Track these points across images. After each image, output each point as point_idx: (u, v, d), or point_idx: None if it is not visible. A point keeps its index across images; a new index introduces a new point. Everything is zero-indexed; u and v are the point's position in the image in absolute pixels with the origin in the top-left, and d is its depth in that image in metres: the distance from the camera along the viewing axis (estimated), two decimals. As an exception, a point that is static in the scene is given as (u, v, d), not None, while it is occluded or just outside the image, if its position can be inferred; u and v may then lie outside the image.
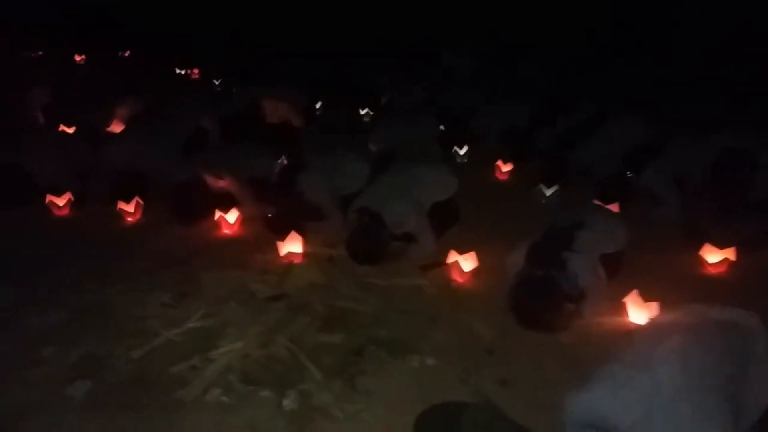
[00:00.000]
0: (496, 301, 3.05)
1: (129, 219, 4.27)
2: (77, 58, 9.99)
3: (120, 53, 10.30)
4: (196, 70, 9.56)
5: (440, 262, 3.45)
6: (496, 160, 5.26)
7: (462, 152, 5.58)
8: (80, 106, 6.30)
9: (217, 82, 8.84)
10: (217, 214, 4.06)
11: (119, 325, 2.91)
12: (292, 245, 3.57)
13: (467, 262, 3.31)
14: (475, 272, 3.35)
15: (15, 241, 3.93)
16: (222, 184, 4.22)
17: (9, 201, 4.43)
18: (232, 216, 4.05)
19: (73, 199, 4.47)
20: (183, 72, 9.60)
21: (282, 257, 3.57)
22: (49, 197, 4.39)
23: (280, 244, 3.58)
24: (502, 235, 3.79)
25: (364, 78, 8.23)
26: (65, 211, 4.43)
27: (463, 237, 3.78)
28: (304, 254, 3.58)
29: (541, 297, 2.84)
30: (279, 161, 4.92)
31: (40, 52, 10.06)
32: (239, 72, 8.72)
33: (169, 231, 4.05)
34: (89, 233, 4.05)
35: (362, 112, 7.32)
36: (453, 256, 3.36)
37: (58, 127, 6.06)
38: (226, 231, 4.05)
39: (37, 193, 4.50)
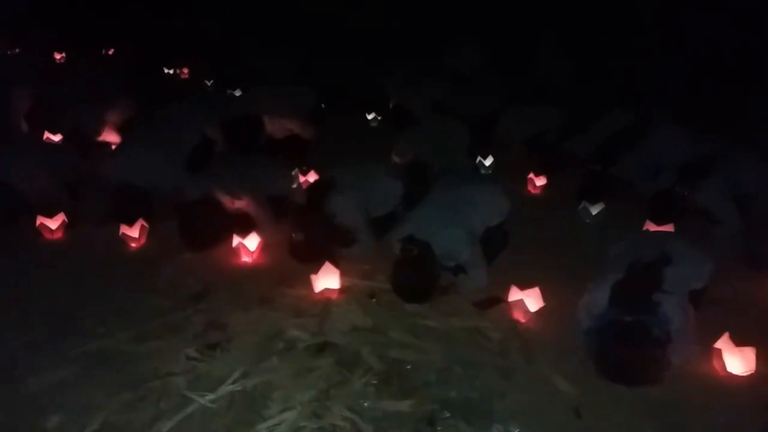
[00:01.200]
0: (572, 348, 2.66)
1: (133, 245, 3.79)
2: (57, 56, 9.35)
3: (104, 51, 9.67)
4: (185, 70, 9.01)
5: (497, 299, 3.05)
6: (525, 172, 4.88)
7: (487, 163, 5.18)
8: (66, 110, 5.75)
9: (209, 83, 8.32)
10: (236, 239, 3.60)
11: (139, 385, 2.45)
12: (328, 279, 3.13)
13: (532, 301, 2.92)
14: (540, 312, 2.95)
15: (1, 274, 3.43)
16: (239, 204, 3.76)
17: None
18: (253, 242, 3.60)
19: (66, 220, 3.96)
20: (171, 71, 9.03)
21: (317, 294, 3.13)
22: (41, 219, 3.89)
23: (313, 278, 3.14)
24: (556, 263, 3.44)
25: (366, 78, 7.79)
26: (58, 234, 3.93)
27: (512, 265, 3.39)
28: (342, 289, 3.15)
29: (632, 345, 2.46)
30: (293, 175, 4.49)
31: (17, 50, 9.38)
32: (234, 72, 8.22)
33: (180, 259, 3.59)
34: (88, 262, 3.58)
35: (369, 117, 6.88)
36: (515, 293, 2.96)
37: (43, 134, 5.54)
38: (245, 259, 3.60)
39: (24, 214, 4.00)
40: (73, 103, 5.89)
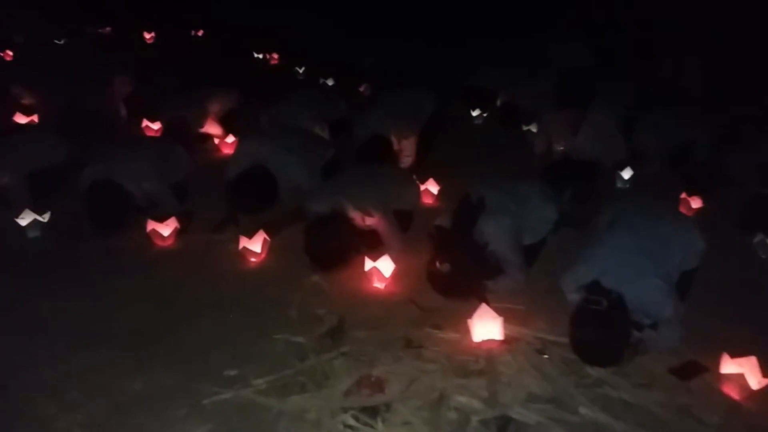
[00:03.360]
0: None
1: (253, 259, 3.41)
2: (147, 35, 9.16)
3: (193, 32, 9.42)
4: (275, 55, 8.64)
5: (702, 367, 2.50)
6: (670, 189, 4.25)
7: (626, 176, 4.57)
8: (166, 99, 5.47)
9: (300, 70, 7.93)
10: (368, 263, 3.17)
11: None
12: (488, 326, 2.65)
13: (752, 376, 2.35)
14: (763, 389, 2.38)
15: (113, 287, 3.12)
16: (370, 221, 3.33)
17: (103, 228, 3.62)
18: (388, 267, 3.16)
19: (179, 226, 3.63)
20: (261, 56, 8.69)
21: (474, 343, 2.65)
22: (152, 224, 3.57)
23: (470, 323, 2.67)
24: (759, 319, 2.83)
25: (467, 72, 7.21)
26: (170, 242, 3.60)
27: (700, 318, 2.80)
28: (505, 340, 2.66)
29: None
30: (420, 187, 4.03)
31: (108, 29, 9.25)
32: (326, 61, 7.79)
33: (308, 282, 3.18)
34: (204, 277, 3.26)
35: (474, 114, 6.31)
36: (728, 364, 2.41)
37: (141, 121, 5.28)
38: (377, 285, 3.16)
39: (132, 218, 3.70)
40: (174, 90, 5.63)
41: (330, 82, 7.40)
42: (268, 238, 3.46)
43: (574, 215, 3.49)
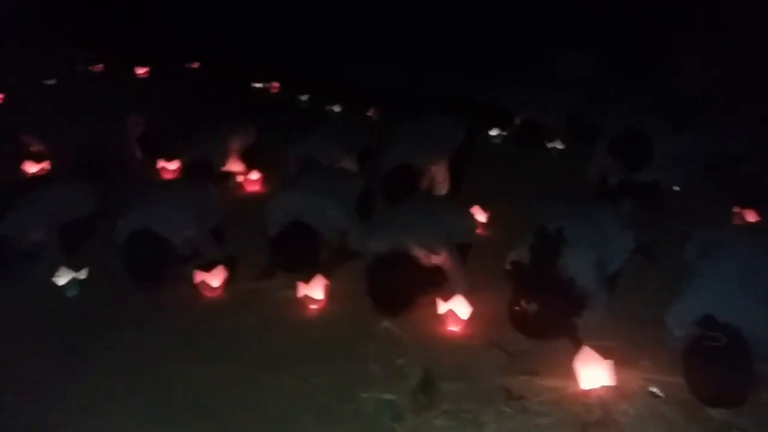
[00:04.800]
0: None
1: (313, 306, 3.20)
2: (140, 70, 8.91)
3: (187, 64, 9.20)
4: (275, 84, 8.46)
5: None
6: (711, 204, 4.17)
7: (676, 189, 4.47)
8: (180, 135, 5.28)
9: (303, 98, 7.76)
10: (443, 305, 2.99)
11: None
12: (596, 372, 2.48)
13: None
14: None
15: (172, 347, 2.91)
16: (436, 259, 3.15)
17: (146, 282, 3.39)
18: (463, 309, 2.98)
19: (228, 274, 3.41)
20: (260, 86, 8.50)
21: (582, 390, 2.48)
22: (200, 275, 3.34)
23: (576, 368, 2.50)
24: None
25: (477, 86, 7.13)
26: (219, 292, 3.38)
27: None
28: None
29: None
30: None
31: (100, 65, 8.97)
32: (331, 86, 7.65)
33: (374, 327, 3.00)
34: (267, 330, 3.04)
35: (492, 134, 6.19)
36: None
37: (157, 162, 5.05)
38: (452, 328, 2.98)
39: (171, 268, 3.48)
40: (185, 128, 5.43)
41: (336, 109, 7.24)
42: (327, 282, 3.25)
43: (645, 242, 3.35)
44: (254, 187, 4.92)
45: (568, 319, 2.82)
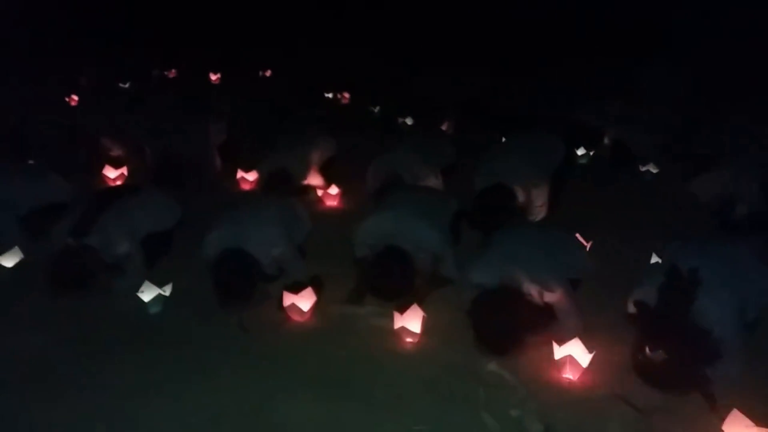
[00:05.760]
0: None
1: (410, 340, 2.95)
2: (212, 77, 8.94)
3: (260, 73, 9.17)
4: (346, 94, 8.32)
5: None
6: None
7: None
8: (260, 145, 5.15)
9: (375, 109, 7.58)
10: (560, 350, 2.69)
11: None
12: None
13: None
14: None
15: (267, 376, 2.71)
16: (550, 297, 2.85)
17: (234, 301, 3.21)
18: (583, 355, 2.67)
19: (317, 298, 3.20)
20: (331, 96, 8.37)
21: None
22: (290, 297, 3.15)
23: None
24: None
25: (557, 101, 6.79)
26: (307, 317, 3.17)
27: None
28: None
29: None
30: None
31: (174, 71, 9.04)
32: (402, 98, 7.44)
33: (480, 369, 2.73)
34: (363, 363, 2.81)
35: (579, 153, 5.84)
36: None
37: (236, 172, 4.94)
38: (568, 376, 2.67)
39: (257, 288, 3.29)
40: (262, 137, 5.31)
41: (409, 121, 7.04)
42: (425, 314, 2.99)
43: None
44: (333, 202, 4.73)
45: (702, 371, 2.47)
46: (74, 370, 2.71)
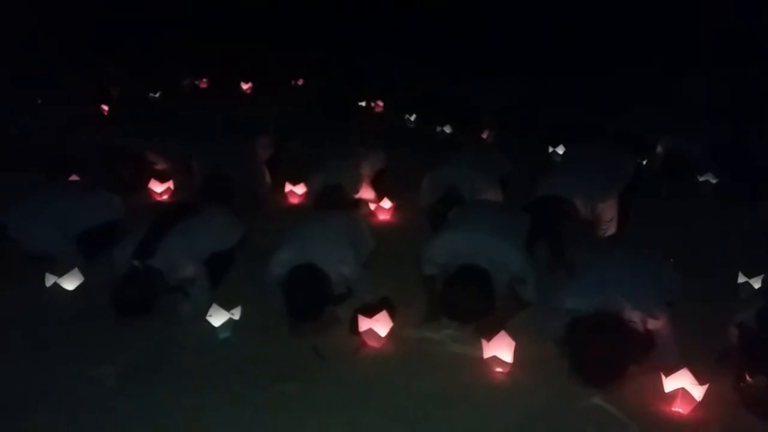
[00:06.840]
0: None
1: (499, 369, 2.77)
2: (244, 86, 8.82)
3: (293, 82, 9.04)
4: (380, 103, 8.17)
5: None
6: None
7: None
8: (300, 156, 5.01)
9: (411, 118, 7.43)
10: (670, 383, 2.50)
11: None
12: None
13: None
14: None
15: (351, 408, 2.55)
16: (654, 325, 2.66)
17: (305, 323, 3.05)
18: (696, 387, 2.48)
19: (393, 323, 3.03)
20: (364, 104, 8.22)
21: None
22: (366, 322, 2.98)
23: None
24: None
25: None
26: (383, 342, 2.99)
27: None
28: None
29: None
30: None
31: (204, 80, 8.93)
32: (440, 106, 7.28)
33: (581, 402, 2.54)
34: (449, 396, 2.64)
35: (630, 164, 5.61)
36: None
37: (284, 186, 4.80)
38: (677, 409, 2.48)
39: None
40: (305, 150, 5.17)
41: (447, 130, 6.90)
42: (513, 342, 2.81)
43: None
44: (386, 216, 4.57)
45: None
46: (146, 401, 2.55)
